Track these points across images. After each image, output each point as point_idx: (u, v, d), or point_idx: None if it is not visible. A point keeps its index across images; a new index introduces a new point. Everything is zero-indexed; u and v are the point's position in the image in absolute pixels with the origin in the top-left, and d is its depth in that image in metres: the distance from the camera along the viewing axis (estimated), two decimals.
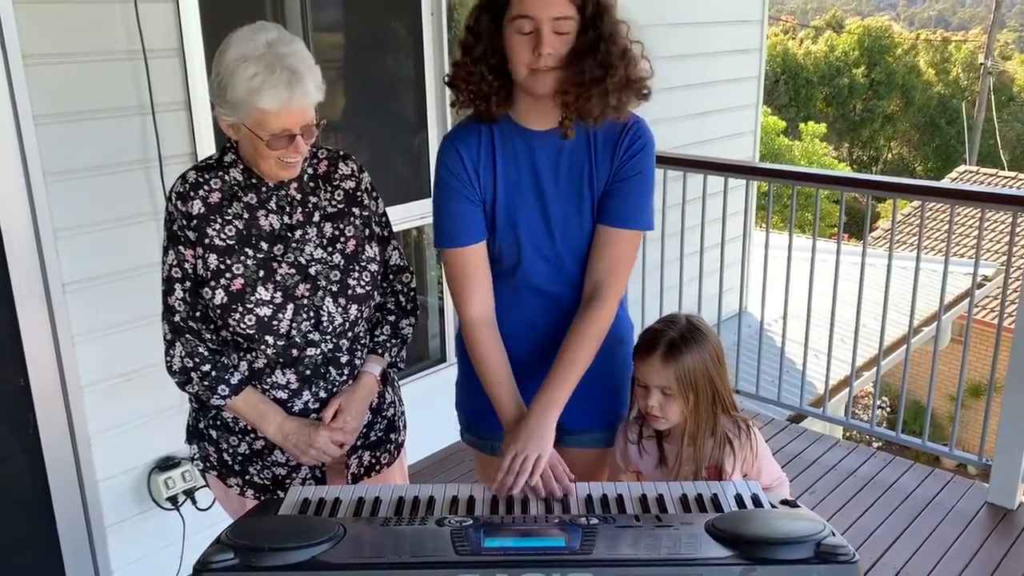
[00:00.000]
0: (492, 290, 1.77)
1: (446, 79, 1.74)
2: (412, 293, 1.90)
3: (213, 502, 2.76)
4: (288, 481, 1.81)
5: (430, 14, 3.33)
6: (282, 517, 1.52)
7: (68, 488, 2.55)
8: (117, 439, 2.62)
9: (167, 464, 2.71)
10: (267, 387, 1.74)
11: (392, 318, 1.87)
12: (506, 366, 1.74)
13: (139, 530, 2.71)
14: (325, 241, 1.72)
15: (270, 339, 1.68)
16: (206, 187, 1.66)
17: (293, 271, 1.68)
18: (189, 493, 2.74)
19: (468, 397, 1.93)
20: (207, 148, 2.64)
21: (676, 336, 1.73)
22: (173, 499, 2.71)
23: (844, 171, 18.21)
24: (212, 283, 1.65)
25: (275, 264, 1.67)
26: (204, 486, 2.75)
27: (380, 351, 1.85)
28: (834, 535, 1.32)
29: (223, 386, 1.70)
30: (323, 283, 1.70)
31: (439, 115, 3.45)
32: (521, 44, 1.58)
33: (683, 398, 1.72)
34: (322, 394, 1.76)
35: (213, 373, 1.69)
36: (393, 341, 1.87)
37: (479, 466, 2.03)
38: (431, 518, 1.43)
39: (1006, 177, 15.65)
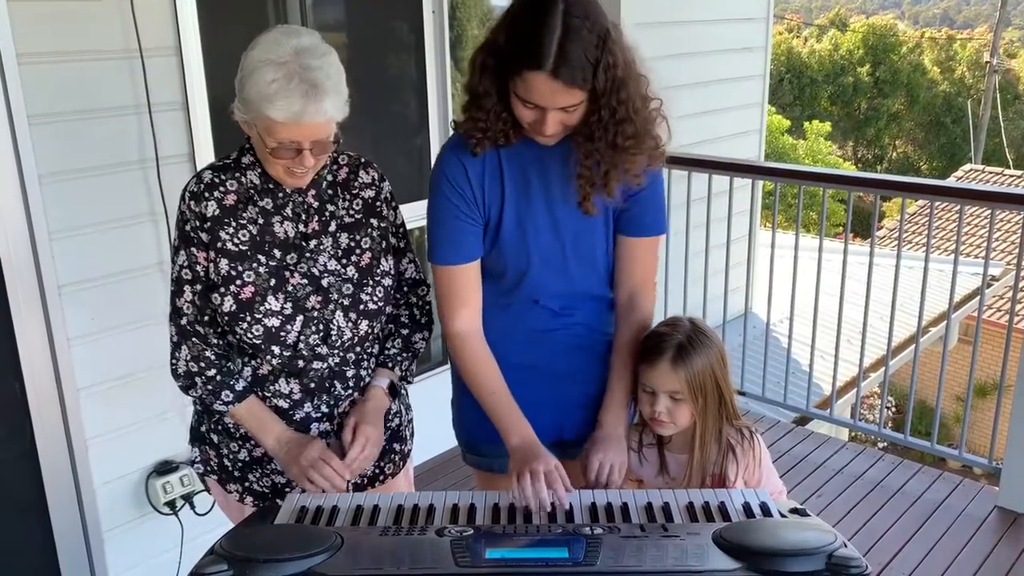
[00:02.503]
0: (481, 305, 1.73)
1: (455, 127, 1.68)
2: (428, 307, 1.84)
3: (212, 507, 2.73)
4: (288, 489, 1.76)
5: (431, 12, 3.30)
6: (278, 526, 1.49)
7: (65, 493, 2.52)
8: (114, 443, 2.58)
9: (165, 468, 2.68)
10: (269, 394, 1.69)
11: (405, 331, 1.81)
12: (498, 375, 1.70)
13: (137, 535, 2.68)
14: (340, 252, 1.66)
15: (276, 349, 1.63)
16: (222, 188, 1.61)
17: (305, 282, 1.63)
18: (187, 498, 2.71)
19: (466, 417, 1.87)
20: (205, 148, 2.61)
21: (684, 339, 1.69)
22: (171, 504, 2.68)
23: (850, 170, 18.18)
24: (221, 289, 1.60)
25: (287, 273, 1.63)
26: (203, 490, 2.73)
27: (390, 364, 1.79)
28: (846, 546, 1.29)
29: (227, 391, 1.66)
30: (335, 296, 1.65)
31: (441, 114, 3.42)
32: (525, 113, 1.55)
33: (693, 402, 1.69)
34: (324, 408, 1.72)
35: (218, 378, 1.65)
36: (404, 355, 1.80)
37: (484, 486, 1.96)
38: (431, 527, 1.40)
39: (1012, 175, 15.60)
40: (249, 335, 1.61)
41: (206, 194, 1.60)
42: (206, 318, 1.64)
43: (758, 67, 5.12)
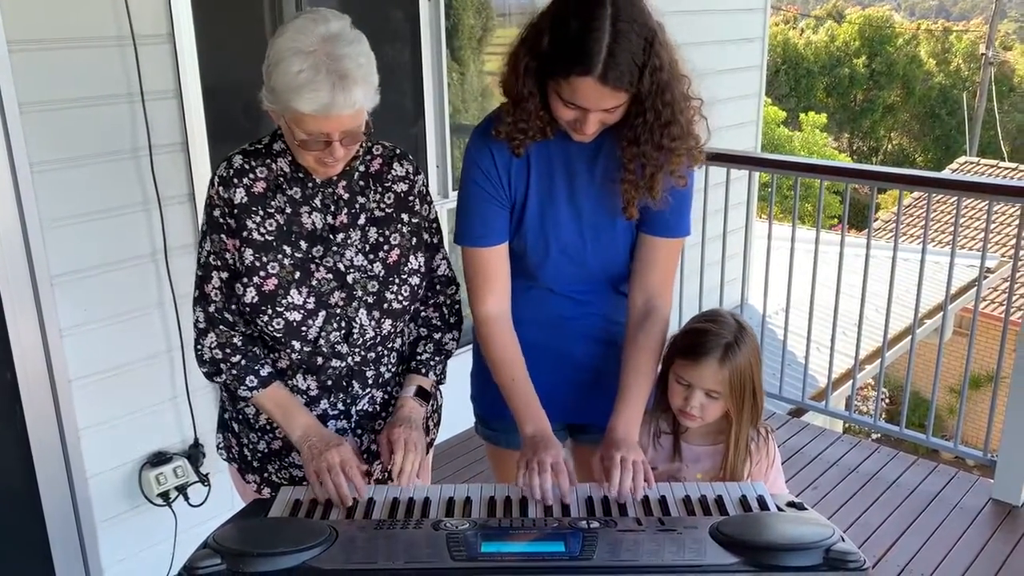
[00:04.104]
0: (510, 289, 1.73)
1: (496, 133, 1.63)
2: (457, 306, 1.81)
3: (206, 498, 2.72)
4: (307, 483, 1.73)
5: (427, 0, 3.27)
6: (272, 520, 1.48)
7: (57, 484, 2.50)
8: (107, 434, 2.57)
9: (159, 460, 2.67)
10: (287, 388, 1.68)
11: (437, 335, 1.78)
12: (520, 363, 1.69)
13: (130, 526, 2.67)
14: (368, 247, 1.63)
15: (296, 344, 1.60)
16: (251, 175, 1.57)
17: (330, 276, 1.60)
18: (181, 489, 2.69)
19: (483, 390, 1.90)
20: (198, 137, 2.59)
21: (731, 339, 1.66)
22: (165, 495, 2.67)
23: (846, 162, 18.18)
24: (245, 279, 1.56)
25: (312, 266, 1.59)
26: (196, 482, 2.72)
27: (424, 370, 1.75)
28: (843, 540, 1.29)
29: (252, 377, 1.62)
30: (359, 293, 1.62)
31: (437, 103, 3.40)
32: (566, 112, 1.53)
33: (731, 401, 1.67)
34: (340, 405, 1.69)
35: (243, 363, 1.62)
36: (437, 359, 1.77)
37: (493, 460, 2.01)
38: (426, 521, 1.39)
39: (1007, 168, 15.62)
40: (270, 328, 1.58)
41: (235, 180, 1.56)
42: (233, 306, 1.61)
43: (755, 58, 5.10)
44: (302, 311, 1.58)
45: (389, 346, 1.72)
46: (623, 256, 1.74)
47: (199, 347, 1.64)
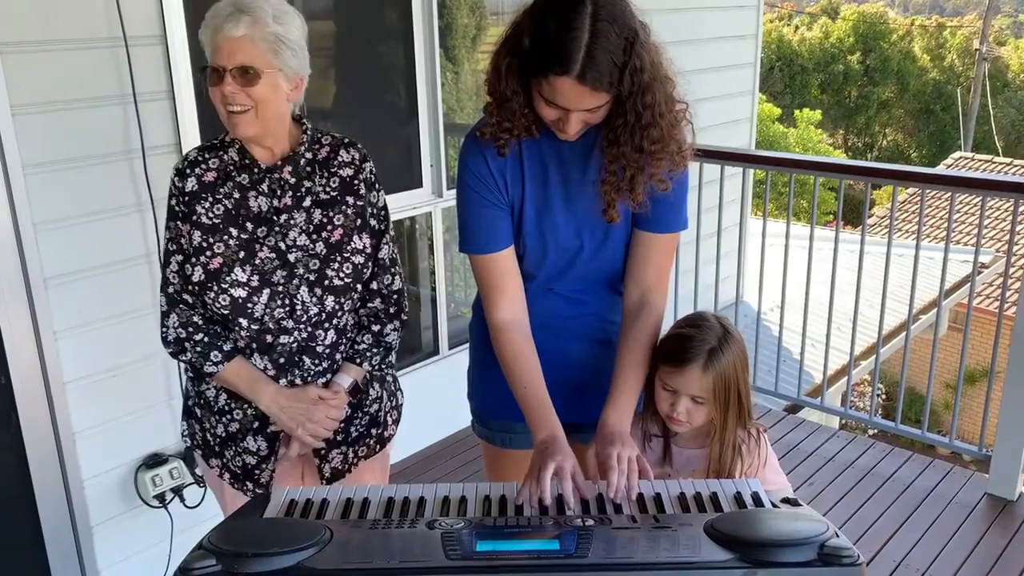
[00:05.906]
0: (523, 292, 1.72)
1: (480, 135, 1.64)
2: (396, 296, 1.83)
3: (201, 499, 2.72)
4: (257, 472, 1.80)
5: (420, 0, 3.27)
6: (267, 520, 1.47)
7: (53, 487, 2.50)
8: (102, 436, 2.57)
9: (154, 461, 2.67)
10: None
11: (377, 327, 1.82)
12: (534, 369, 1.68)
13: (126, 529, 2.67)
14: (311, 228, 1.70)
15: (244, 322, 1.68)
16: (203, 166, 1.69)
17: (273, 255, 1.68)
18: (177, 491, 2.69)
19: (480, 388, 1.90)
20: (191, 138, 2.58)
21: (715, 344, 1.66)
22: (160, 497, 2.66)
23: (841, 158, 18.19)
24: (193, 260, 1.66)
25: (256, 246, 1.68)
26: (192, 483, 2.72)
27: (358, 360, 1.80)
28: (838, 536, 1.28)
29: (216, 352, 1.71)
30: (300, 271, 1.69)
31: (430, 103, 3.40)
32: (548, 111, 1.53)
33: (715, 406, 1.66)
34: (297, 382, 1.75)
35: (206, 340, 1.71)
36: (375, 350, 1.82)
37: (488, 458, 2.00)
38: (421, 520, 1.38)
39: (1001, 163, 15.64)
40: (217, 304, 1.66)
41: (188, 171, 1.69)
42: (190, 286, 1.70)
43: (749, 55, 5.11)
44: (246, 288, 1.66)
45: (339, 325, 1.76)
46: (620, 255, 1.74)
47: (164, 328, 1.73)
